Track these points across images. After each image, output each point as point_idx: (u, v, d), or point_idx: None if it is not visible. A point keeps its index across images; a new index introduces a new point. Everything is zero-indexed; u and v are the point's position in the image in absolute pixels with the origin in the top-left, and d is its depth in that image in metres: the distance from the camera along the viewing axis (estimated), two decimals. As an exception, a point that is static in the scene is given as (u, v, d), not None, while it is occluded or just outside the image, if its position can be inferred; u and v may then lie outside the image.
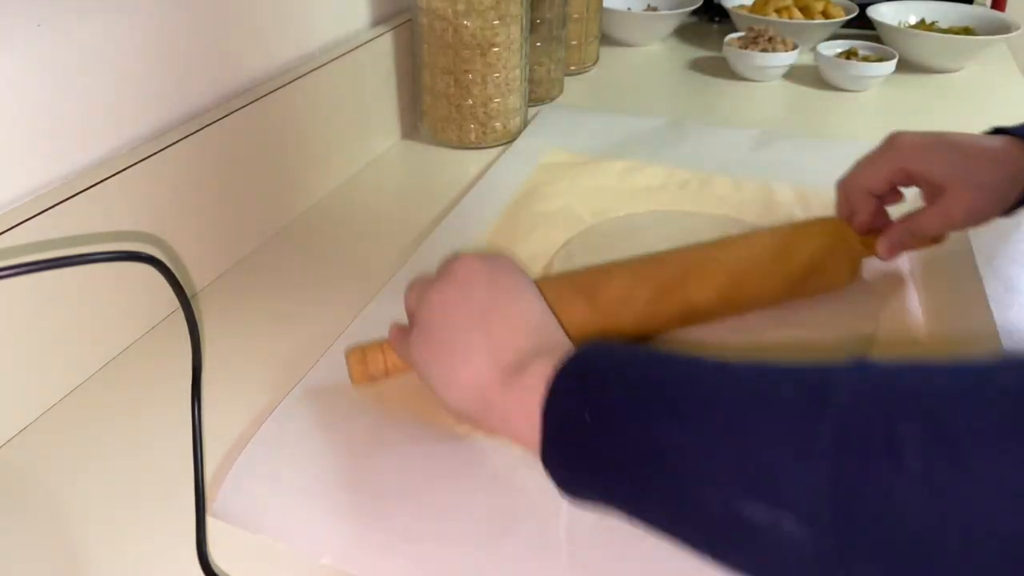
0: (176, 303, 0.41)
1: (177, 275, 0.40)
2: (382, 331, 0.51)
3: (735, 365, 0.30)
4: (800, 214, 0.65)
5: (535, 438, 0.33)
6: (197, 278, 0.58)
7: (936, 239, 0.55)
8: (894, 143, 0.52)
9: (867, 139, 0.58)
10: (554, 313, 0.41)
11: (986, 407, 0.24)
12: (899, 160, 0.52)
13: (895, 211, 0.55)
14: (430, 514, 0.39)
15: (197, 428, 0.45)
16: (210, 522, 0.40)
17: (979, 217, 0.51)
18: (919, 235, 0.53)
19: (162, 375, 0.50)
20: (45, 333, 0.46)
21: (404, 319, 0.54)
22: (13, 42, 0.44)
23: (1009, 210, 0.52)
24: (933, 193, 0.52)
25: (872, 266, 0.57)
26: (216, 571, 0.37)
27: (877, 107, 0.92)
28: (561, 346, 0.36)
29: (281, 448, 0.43)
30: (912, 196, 0.55)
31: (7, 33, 0.44)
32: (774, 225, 0.55)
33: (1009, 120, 0.90)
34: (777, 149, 0.78)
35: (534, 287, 0.42)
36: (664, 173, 0.72)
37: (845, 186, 0.55)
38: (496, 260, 0.42)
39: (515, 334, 0.37)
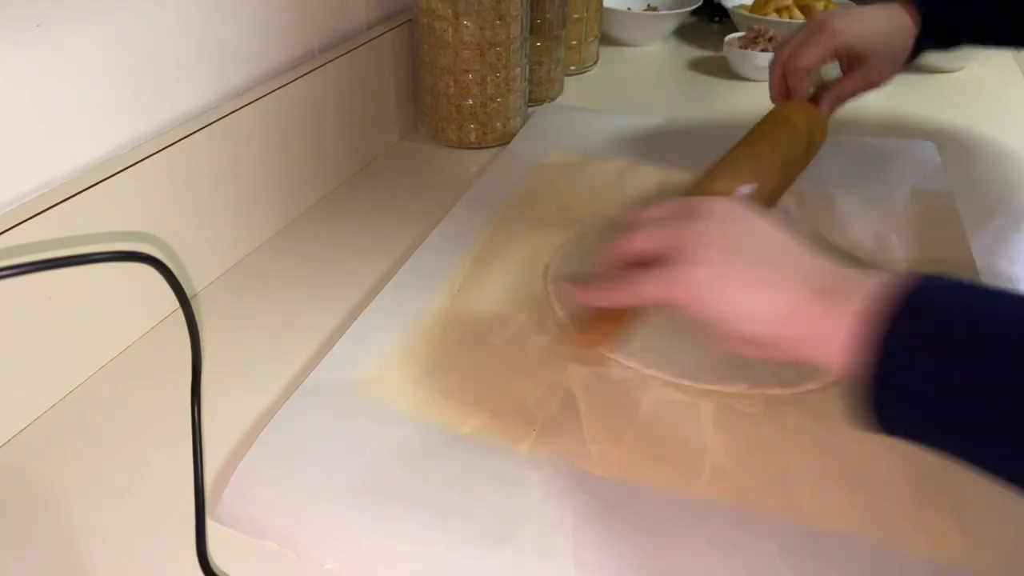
0: (176, 303, 0.41)
1: (177, 275, 0.40)
2: (384, 331, 0.51)
3: None
4: (793, 214, 0.66)
5: (857, 366, 0.32)
6: (197, 278, 0.58)
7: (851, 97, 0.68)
8: (827, 27, 0.63)
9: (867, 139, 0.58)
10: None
11: None
12: (835, 42, 0.63)
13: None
14: (434, 517, 0.39)
15: (197, 428, 0.45)
16: (210, 523, 0.40)
17: (887, 79, 0.66)
18: (845, 97, 0.66)
19: (162, 375, 0.50)
20: (45, 333, 0.46)
21: (402, 319, 0.54)
22: (13, 42, 0.44)
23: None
24: (853, 62, 0.65)
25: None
26: (216, 572, 0.37)
27: (877, 107, 0.91)
28: (873, 275, 0.35)
29: (283, 453, 0.42)
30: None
31: (7, 33, 0.44)
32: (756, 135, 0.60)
33: (1011, 120, 0.90)
34: None
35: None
36: (662, 173, 0.72)
37: (783, 68, 0.65)
38: (737, 203, 0.42)
39: (814, 258, 0.37)
